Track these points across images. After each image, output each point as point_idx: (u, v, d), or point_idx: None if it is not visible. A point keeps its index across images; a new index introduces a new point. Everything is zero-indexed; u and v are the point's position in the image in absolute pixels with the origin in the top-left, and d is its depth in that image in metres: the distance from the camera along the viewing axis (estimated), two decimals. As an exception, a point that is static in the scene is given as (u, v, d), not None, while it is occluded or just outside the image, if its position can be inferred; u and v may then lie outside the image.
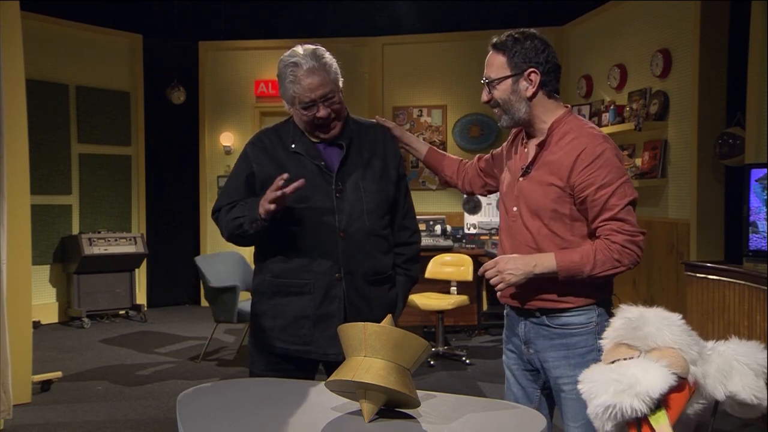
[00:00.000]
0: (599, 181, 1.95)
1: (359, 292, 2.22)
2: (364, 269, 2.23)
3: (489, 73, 2.10)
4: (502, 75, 2.06)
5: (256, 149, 2.28)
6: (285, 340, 2.22)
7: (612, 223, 1.96)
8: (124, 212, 7.83)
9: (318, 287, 2.19)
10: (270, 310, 2.25)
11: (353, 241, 2.20)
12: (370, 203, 2.24)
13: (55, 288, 7.23)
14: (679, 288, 5.37)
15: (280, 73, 2.21)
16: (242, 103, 8.29)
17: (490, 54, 2.10)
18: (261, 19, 8.05)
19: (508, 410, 1.71)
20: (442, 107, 8.00)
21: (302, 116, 2.19)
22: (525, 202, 2.07)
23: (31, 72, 5.31)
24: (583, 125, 2.06)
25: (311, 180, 2.18)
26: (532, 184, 2.06)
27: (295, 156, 2.23)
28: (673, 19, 5.57)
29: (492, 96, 2.10)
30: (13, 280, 4.10)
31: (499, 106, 2.10)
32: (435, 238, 6.52)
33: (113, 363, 5.52)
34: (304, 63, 2.13)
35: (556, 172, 2.01)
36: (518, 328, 2.14)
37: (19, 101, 4.28)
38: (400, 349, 1.56)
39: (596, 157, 1.96)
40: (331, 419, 1.60)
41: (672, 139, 5.58)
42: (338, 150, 2.26)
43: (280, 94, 2.24)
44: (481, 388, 4.81)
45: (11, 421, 3.95)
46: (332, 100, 2.17)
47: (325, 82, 2.15)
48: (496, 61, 2.08)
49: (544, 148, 2.05)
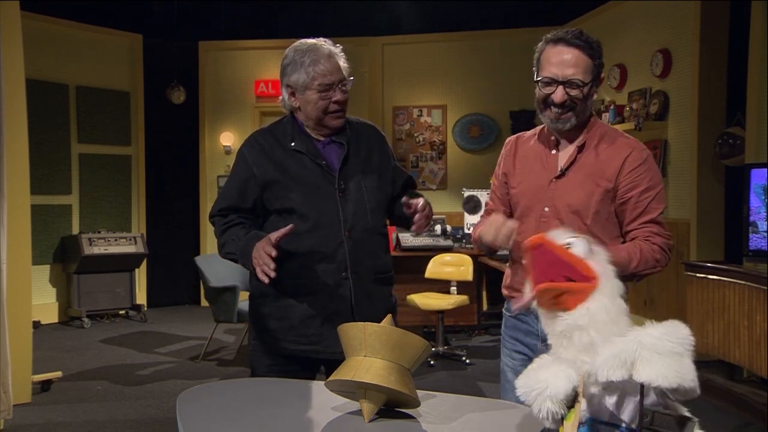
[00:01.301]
0: (645, 184, 2.01)
1: (365, 291, 2.23)
2: (369, 268, 2.24)
3: (576, 74, 1.98)
4: (590, 79, 2.01)
5: (255, 151, 2.25)
6: (291, 341, 2.21)
7: (652, 226, 2.02)
8: (124, 212, 7.83)
9: (325, 287, 2.18)
10: (275, 311, 2.24)
11: (358, 241, 2.20)
12: (371, 202, 2.24)
13: (55, 288, 7.23)
14: (679, 288, 5.37)
15: (292, 60, 2.18)
16: (242, 103, 8.30)
17: (575, 53, 1.98)
18: (261, 19, 8.05)
19: (508, 410, 1.71)
20: (442, 107, 8.00)
21: (317, 102, 2.17)
22: (564, 202, 2.06)
23: (31, 72, 5.31)
24: (615, 129, 2.14)
25: (313, 180, 2.18)
26: (572, 184, 2.06)
27: (296, 155, 2.21)
28: (673, 19, 5.57)
29: (567, 97, 2.00)
30: (13, 280, 4.10)
31: (573, 108, 2.02)
32: (435, 238, 6.52)
33: (113, 363, 5.52)
34: (323, 47, 2.17)
35: (602, 173, 2.03)
36: (537, 326, 2.07)
37: (19, 101, 4.28)
38: (400, 349, 1.56)
39: (643, 160, 2.02)
40: (331, 419, 1.60)
41: (672, 139, 5.58)
42: (337, 148, 2.25)
43: (288, 83, 2.20)
44: (481, 388, 4.81)
45: (11, 421, 3.95)
46: (346, 86, 2.20)
47: (342, 68, 2.19)
48: (583, 63, 1.99)
49: (584, 150, 2.07)
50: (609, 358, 1.21)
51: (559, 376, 1.30)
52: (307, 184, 2.18)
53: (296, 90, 2.20)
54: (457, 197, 7.15)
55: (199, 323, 7.03)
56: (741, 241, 4.39)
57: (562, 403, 1.28)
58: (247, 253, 2.12)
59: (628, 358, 1.19)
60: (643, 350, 1.18)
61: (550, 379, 1.30)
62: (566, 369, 1.31)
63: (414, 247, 6.37)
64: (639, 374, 1.18)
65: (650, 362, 1.17)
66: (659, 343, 1.19)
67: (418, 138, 8.03)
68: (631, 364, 1.19)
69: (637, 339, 1.21)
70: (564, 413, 1.28)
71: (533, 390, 1.30)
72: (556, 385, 1.28)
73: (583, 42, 2.00)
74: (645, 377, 1.17)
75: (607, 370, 1.20)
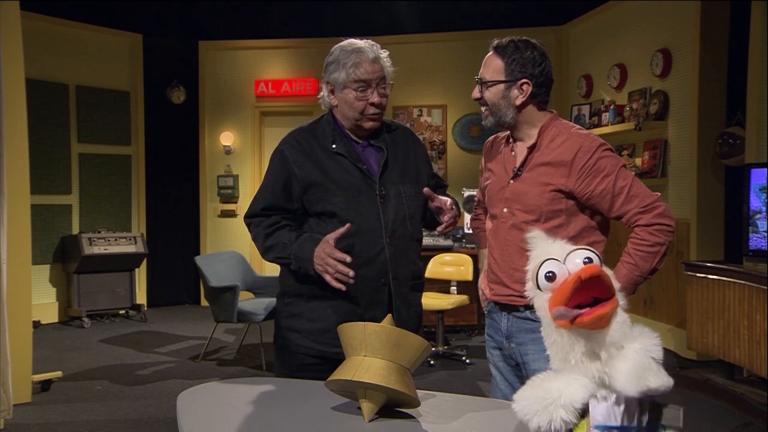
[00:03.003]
0: (602, 172, 2.01)
1: (402, 297, 2.23)
2: (407, 274, 2.24)
3: (484, 74, 2.14)
4: (496, 79, 2.10)
5: (295, 151, 2.21)
6: (325, 343, 2.18)
7: (630, 206, 2.01)
8: (124, 212, 7.83)
9: (365, 292, 2.17)
10: (308, 312, 2.21)
11: (398, 247, 2.20)
12: (410, 208, 2.24)
13: (55, 288, 7.23)
14: (679, 288, 5.37)
15: (336, 59, 2.18)
16: (242, 102, 8.29)
17: (490, 55, 2.14)
18: (261, 19, 8.05)
19: (508, 410, 1.70)
20: (442, 107, 8.01)
21: (354, 102, 2.16)
22: (519, 202, 2.10)
23: (31, 72, 5.31)
24: (571, 126, 2.13)
25: (356, 185, 2.16)
26: (525, 185, 2.09)
27: (337, 158, 2.19)
28: (673, 19, 5.57)
29: (482, 95, 2.14)
30: (13, 280, 4.10)
31: (487, 106, 2.14)
32: (435, 237, 6.51)
33: (113, 363, 5.52)
34: (369, 51, 2.17)
35: (553, 172, 2.04)
36: (501, 323, 2.18)
37: (19, 101, 4.28)
38: (399, 349, 1.56)
39: (594, 150, 2.02)
40: (331, 419, 1.60)
41: (672, 139, 5.58)
42: (375, 152, 2.24)
43: (328, 79, 2.20)
44: (481, 387, 4.81)
45: (11, 421, 3.95)
46: (384, 89, 2.20)
47: (385, 71, 2.20)
48: (493, 64, 2.12)
49: (536, 150, 2.10)
50: (628, 371, 1.24)
51: (572, 384, 1.30)
52: (349, 189, 2.16)
53: (335, 87, 2.20)
54: (457, 197, 7.13)
55: (199, 323, 7.03)
56: (741, 241, 4.39)
57: (575, 412, 1.28)
58: (304, 257, 2.10)
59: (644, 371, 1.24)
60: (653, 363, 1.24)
61: (563, 388, 1.30)
62: (579, 378, 1.31)
63: (414, 247, 6.37)
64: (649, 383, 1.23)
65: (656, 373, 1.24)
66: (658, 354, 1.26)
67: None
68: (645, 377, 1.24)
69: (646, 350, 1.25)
70: (576, 422, 1.29)
71: (544, 399, 1.30)
72: (571, 394, 1.29)
73: (500, 47, 2.12)
74: (653, 386, 1.23)
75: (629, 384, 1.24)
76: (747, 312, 4.01)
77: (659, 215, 2.00)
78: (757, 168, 4.24)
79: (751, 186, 4.25)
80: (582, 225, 2.07)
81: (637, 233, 2.02)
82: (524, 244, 2.06)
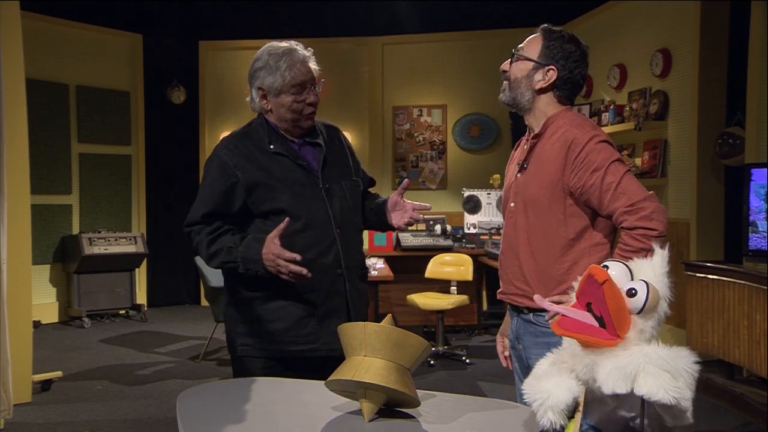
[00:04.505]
0: (592, 167, 1.93)
1: (355, 287, 2.29)
2: (357, 264, 2.31)
3: (522, 47, 2.11)
4: (529, 56, 2.07)
5: (234, 155, 2.23)
6: (288, 342, 2.20)
7: (617, 204, 1.90)
8: (124, 212, 7.83)
9: (322, 285, 2.20)
10: (266, 314, 2.21)
11: (348, 238, 2.26)
12: (352, 199, 2.31)
13: (55, 288, 7.23)
14: (679, 288, 5.37)
15: (266, 64, 2.21)
16: (242, 103, 8.14)
17: (536, 35, 2.11)
18: (261, 19, 8.05)
19: (508, 410, 1.71)
20: (442, 107, 8.00)
21: (291, 104, 2.20)
22: (522, 196, 2.08)
23: (31, 72, 5.31)
24: (575, 117, 2.05)
25: (300, 181, 2.20)
26: (528, 178, 2.07)
27: (276, 157, 2.22)
28: (673, 19, 5.57)
29: (510, 68, 2.12)
30: (13, 280, 4.10)
31: (509, 80, 2.11)
32: (435, 237, 6.52)
33: (113, 363, 5.52)
34: (298, 52, 2.21)
35: (549, 166, 2.00)
36: (512, 323, 2.19)
37: (19, 101, 4.28)
38: (399, 349, 1.56)
39: (585, 143, 1.95)
40: (331, 419, 1.60)
41: (672, 139, 5.58)
42: (311, 149, 2.29)
43: (260, 85, 2.22)
44: (481, 387, 4.81)
45: (11, 421, 3.95)
46: (317, 87, 2.25)
47: (314, 71, 2.25)
48: (534, 42, 2.09)
49: (539, 142, 2.07)
50: (613, 370, 1.23)
51: (560, 386, 1.32)
52: (294, 185, 2.20)
53: (269, 93, 2.23)
54: (457, 197, 7.15)
55: (199, 323, 7.03)
56: (741, 241, 4.39)
57: (563, 414, 1.30)
58: (251, 258, 2.11)
59: (632, 370, 1.22)
60: (648, 364, 1.21)
61: (551, 389, 1.32)
62: (567, 380, 1.33)
63: (414, 247, 6.37)
64: (640, 387, 1.21)
65: (653, 376, 1.20)
66: (664, 360, 1.22)
67: (418, 138, 8.03)
68: (634, 377, 1.22)
69: (644, 353, 1.23)
70: (564, 423, 1.30)
71: (536, 400, 1.34)
72: (557, 396, 1.31)
73: (547, 30, 2.10)
74: (645, 390, 1.20)
75: (612, 383, 1.23)
76: (747, 312, 4.01)
77: (644, 218, 1.88)
78: (757, 168, 4.24)
79: (751, 186, 4.25)
80: (582, 225, 2.00)
81: (622, 236, 1.92)
82: (526, 242, 2.06)
